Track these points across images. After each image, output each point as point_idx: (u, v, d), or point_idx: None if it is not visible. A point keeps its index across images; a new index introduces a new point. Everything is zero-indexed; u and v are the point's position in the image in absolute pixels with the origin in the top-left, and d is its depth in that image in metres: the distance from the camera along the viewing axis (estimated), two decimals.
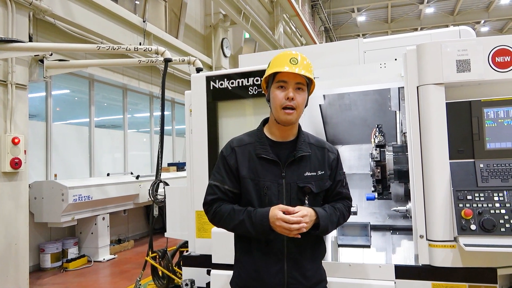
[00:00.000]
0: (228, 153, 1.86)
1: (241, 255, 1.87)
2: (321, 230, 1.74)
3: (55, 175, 6.97)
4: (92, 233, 6.97)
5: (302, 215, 1.65)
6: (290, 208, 1.66)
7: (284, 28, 17.84)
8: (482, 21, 24.97)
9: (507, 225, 1.98)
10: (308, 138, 1.90)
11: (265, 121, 1.93)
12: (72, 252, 6.76)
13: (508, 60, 2.15)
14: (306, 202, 1.78)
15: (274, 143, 1.84)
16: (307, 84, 1.81)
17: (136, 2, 9.75)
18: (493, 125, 2.16)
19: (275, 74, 1.80)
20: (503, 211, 2.01)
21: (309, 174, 1.80)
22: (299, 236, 1.67)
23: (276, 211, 1.65)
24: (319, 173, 1.83)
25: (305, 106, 1.84)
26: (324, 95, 3.19)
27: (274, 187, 1.77)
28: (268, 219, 1.66)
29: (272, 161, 1.78)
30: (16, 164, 5.20)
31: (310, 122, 3.42)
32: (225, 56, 12.30)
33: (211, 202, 1.82)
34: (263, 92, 1.95)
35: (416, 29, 24.57)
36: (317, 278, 1.84)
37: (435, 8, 24.59)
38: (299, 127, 1.90)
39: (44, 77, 5.63)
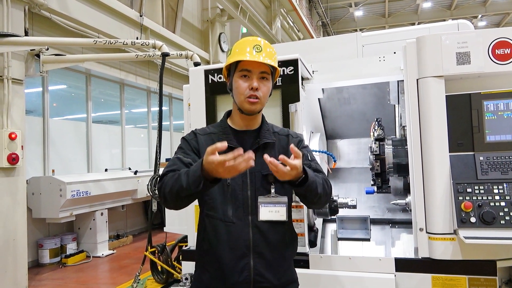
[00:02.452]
0: (191, 137, 1.81)
1: (203, 253, 1.73)
2: (310, 180, 1.58)
3: (53, 171, 6.95)
4: (90, 228, 6.97)
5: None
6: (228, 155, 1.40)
7: (282, 22, 17.78)
8: (479, 16, 24.95)
9: (507, 218, 1.98)
10: (272, 128, 1.85)
11: (229, 113, 1.87)
12: (71, 247, 6.75)
13: (508, 52, 2.14)
14: (273, 191, 1.68)
15: (238, 132, 1.78)
16: (271, 72, 1.75)
17: None
18: (493, 117, 2.15)
19: (237, 62, 1.71)
20: (503, 203, 2.01)
21: None
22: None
23: (213, 156, 1.41)
24: None
25: (269, 95, 1.78)
26: (323, 89, 3.18)
27: (238, 177, 1.64)
28: (200, 164, 1.46)
29: (233, 149, 1.64)
30: (13, 159, 5.17)
31: (309, 116, 3.41)
32: (222, 50, 12.24)
33: (166, 173, 1.65)
34: (225, 80, 1.84)
35: (413, 24, 24.49)
36: (287, 278, 1.75)
37: (433, 3, 24.54)
38: (263, 116, 1.84)
39: (40, 72, 5.59)
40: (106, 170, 8.03)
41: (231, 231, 1.67)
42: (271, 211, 1.67)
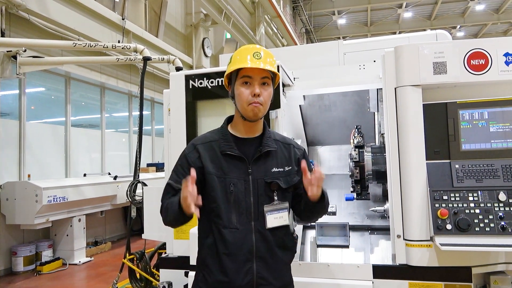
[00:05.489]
0: (189, 150, 1.81)
1: (206, 256, 1.77)
2: (325, 196, 1.75)
3: (29, 176, 6.75)
4: (67, 235, 6.78)
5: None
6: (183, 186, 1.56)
7: (266, 29, 17.89)
8: (458, 26, 25.70)
9: (481, 225, 2.02)
10: (274, 135, 1.87)
11: (229, 119, 1.88)
12: (46, 255, 6.55)
13: (483, 63, 2.20)
14: (275, 198, 1.74)
15: (239, 140, 1.79)
16: (272, 78, 1.78)
17: None
18: (468, 126, 2.20)
19: (238, 70, 1.74)
20: (477, 211, 2.05)
21: (276, 170, 1.76)
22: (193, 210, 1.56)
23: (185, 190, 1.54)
24: (286, 168, 1.79)
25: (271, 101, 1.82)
26: (304, 96, 3.20)
27: (241, 184, 1.72)
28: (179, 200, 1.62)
29: (238, 157, 1.73)
30: None
31: (290, 123, 3.42)
32: (206, 55, 12.22)
33: (163, 202, 1.80)
34: (226, 89, 1.88)
35: (394, 33, 25.03)
36: (286, 280, 1.81)
37: (413, 13, 25.16)
38: (265, 123, 1.86)
39: (17, 74, 5.46)
40: (85, 175, 7.85)
41: (236, 237, 1.70)
42: (276, 217, 1.74)
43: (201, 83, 2.71)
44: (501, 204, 2.04)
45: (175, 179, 1.79)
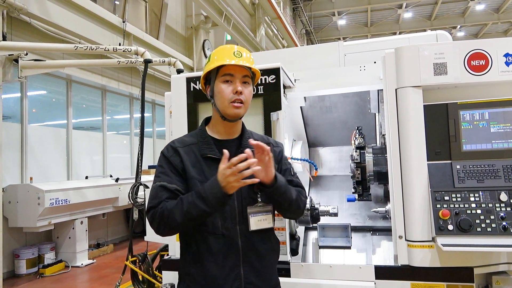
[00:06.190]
0: (170, 153, 1.72)
1: (190, 265, 1.70)
2: (278, 183, 1.64)
3: (31, 178, 6.78)
4: (69, 237, 6.81)
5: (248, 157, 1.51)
6: (234, 159, 1.50)
7: (266, 30, 17.90)
8: (458, 26, 25.70)
9: (483, 225, 2.02)
10: (252, 135, 1.84)
11: (206, 121, 1.84)
12: (49, 257, 6.57)
13: (483, 63, 2.20)
14: (259, 199, 1.71)
15: (219, 142, 1.75)
16: (251, 77, 1.77)
17: (116, 2, 9.60)
18: (469, 127, 2.20)
19: (218, 68, 1.71)
20: (479, 211, 2.05)
21: None
22: (257, 180, 1.55)
23: (221, 166, 1.52)
24: None
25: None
26: (305, 97, 3.20)
27: None
28: (218, 181, 1.52)
29: (219, 160, 1.64)
30: None
31: (291, 124, 3.43)
32: (206, 57, 12.24)
33: (158, 204, 1.61)
34: (201, 89, 1.83)
35: (395, 33, 25.08)
36: (274, 282, 1.80)
37: (413, 13, 25.17)
38: (243, 124, 1.84)
39: (19, 77, 5.47)
40: (86, 177, 7.88)
41: (222, 243, 1.67)
42: (259, 219, 1.71)
43: None
44: (502, 205, 2.04)
45: (167, 180, 1.66)
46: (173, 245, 2.88)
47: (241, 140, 1.79)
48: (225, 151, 1.52)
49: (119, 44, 8.10)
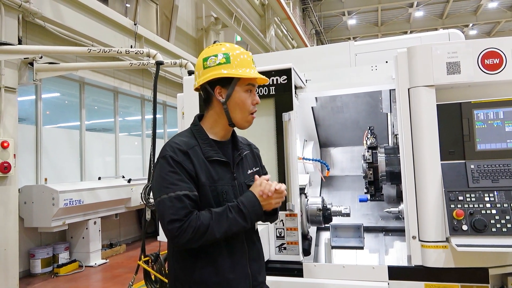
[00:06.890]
0: (181, 158, 1.56)
1: (200, 271, 1.60)
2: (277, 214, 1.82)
3: (45, 179, 6.89)
4: (83, 237, 6.90)
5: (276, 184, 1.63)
6: (277, 185, 1.61)
7: (276, 31, 17.91)
8: (471, 25, 25.33)
9: (498, 225, 2.00)
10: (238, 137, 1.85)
11: (199, 118, 1.76)
12: (63, 257, 6.67)
13: (497, 62, 2.18)
14: None
15: (218, 143, 1.70)
16: None
17: (127, 5, 9.71)
18: (483, 126, 2.18)
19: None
20: (493, 211, 2.04)
21: (250, 171, 1.77)
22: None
23: (265, 188, 1.59)
24: (255, 169, 1.81)
25: None
26: (316, 98, 3.21)
27: (231, 190, 1.65)
28: (257, 199, 1.59)
29: (224, 162, 1.65)
30: (5, 168, 5.13)
31: (303, 125, 3.43)
32: None
33: (185, 216, 1.49)
34: (195, 89, 1.74)
35: (406, 32, 24.82)
36: (264, 277, 1.84)
37: (424, 12, 24.89)
38: None
39: (33, 80, 5.57)
40: (99, 178, 7.97)
41: (232, 244, 1.66)
42: None
43: None
44: None
45: (187, 188, 1.53)
46: None
47: (235, 142, 1.79)
48: (260, 177, 1.64)
49: (131, 46, 8.18)
